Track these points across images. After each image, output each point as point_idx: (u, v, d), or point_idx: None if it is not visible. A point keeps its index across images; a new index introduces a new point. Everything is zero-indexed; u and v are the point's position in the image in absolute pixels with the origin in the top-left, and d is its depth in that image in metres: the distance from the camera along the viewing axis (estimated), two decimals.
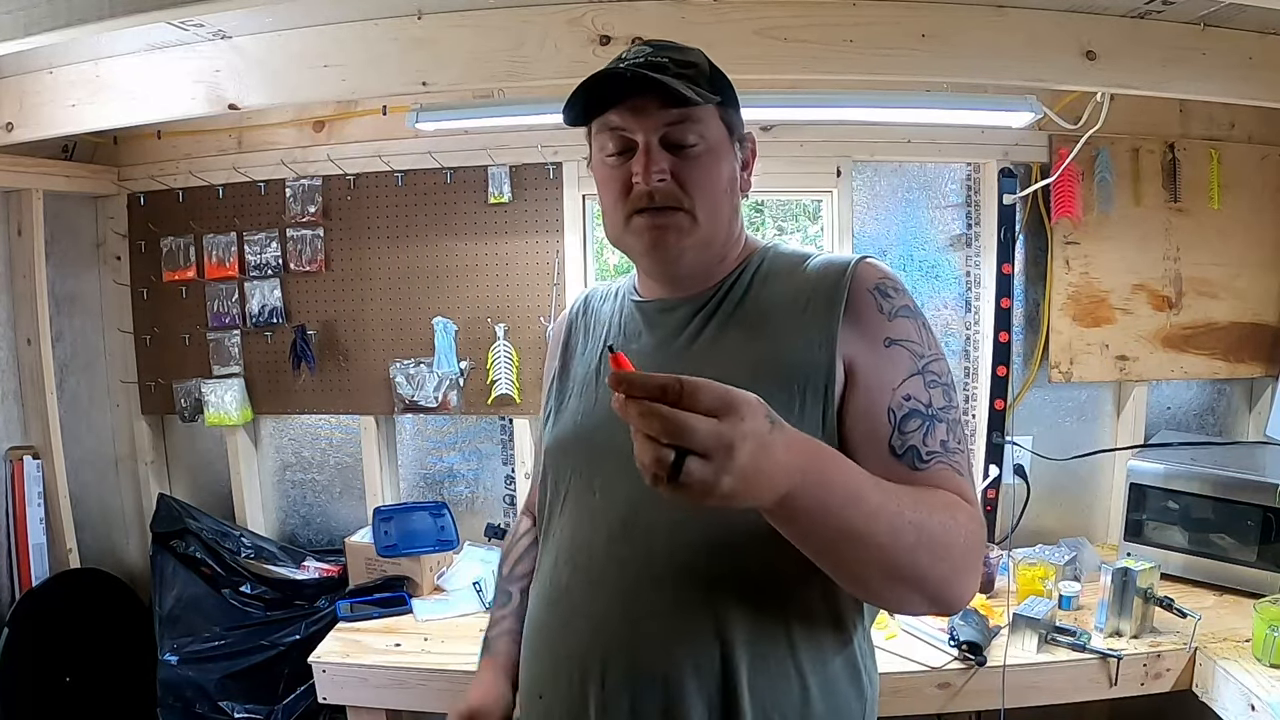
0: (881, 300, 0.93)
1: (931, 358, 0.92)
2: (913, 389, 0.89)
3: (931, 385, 0.90)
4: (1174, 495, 2.10)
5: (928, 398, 0.89)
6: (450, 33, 1.75)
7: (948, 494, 0.85)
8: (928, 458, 0.87)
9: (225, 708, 2.19)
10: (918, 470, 0.86)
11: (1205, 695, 1.76)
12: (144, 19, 1.50)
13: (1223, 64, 1.78)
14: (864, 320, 0.91)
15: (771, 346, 0.93)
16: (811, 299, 0.94)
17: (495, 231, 2.40)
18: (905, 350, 0.91)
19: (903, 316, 0.92)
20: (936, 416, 0.89)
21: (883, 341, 0.91)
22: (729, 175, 0.98)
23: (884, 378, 0.89)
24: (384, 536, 2.29)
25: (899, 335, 0.91)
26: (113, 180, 2.50)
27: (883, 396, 0.89)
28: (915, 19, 1.70)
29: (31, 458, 2.32)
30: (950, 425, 0.89)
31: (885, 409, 0.88)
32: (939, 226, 2.44)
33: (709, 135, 0.95)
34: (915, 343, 0.91)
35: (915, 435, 0.87)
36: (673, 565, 0.90)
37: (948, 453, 0.88)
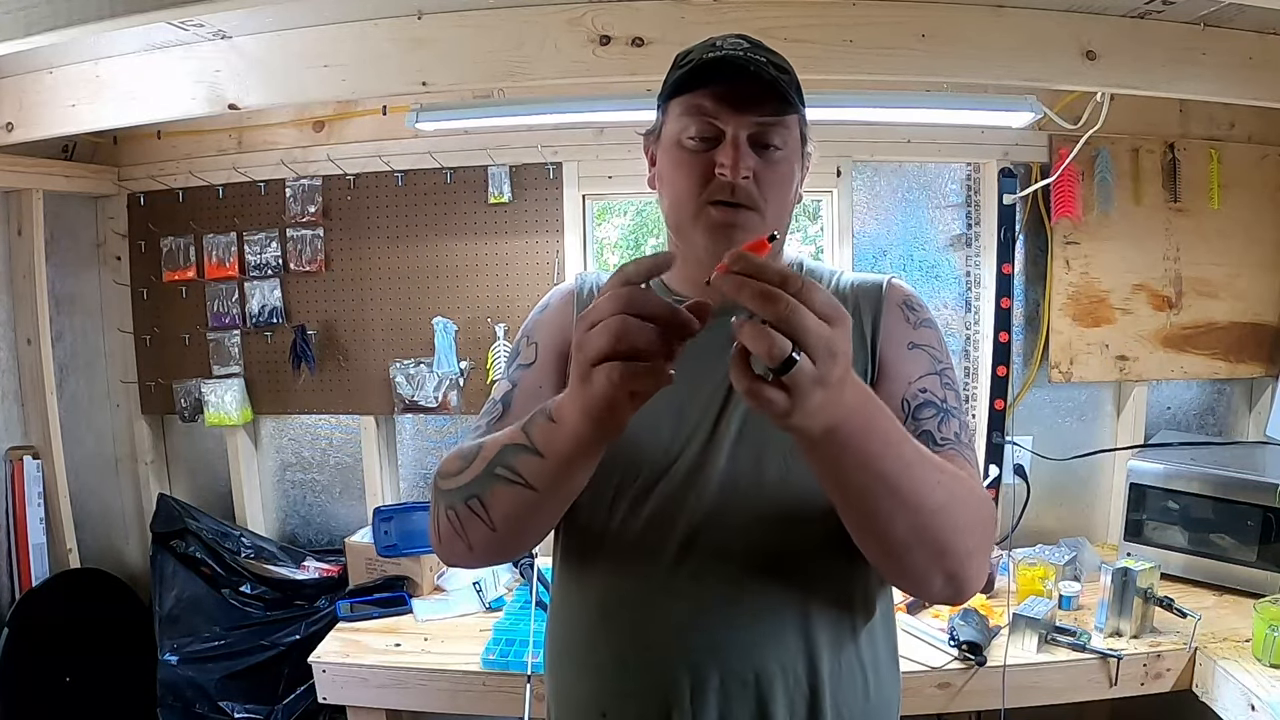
0: (908, 312, 1.02)
1: (948, 366, 1.00)
2: (929, 384, 0.96)
3: (946, 386, 0.97)
4: (1174, 495, 2.10)
5: (943, 395, 0.95)
6: (450, 33, 1.75)
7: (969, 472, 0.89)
8: (942, 442, 0.91)
9: (225, 708, 2.19)
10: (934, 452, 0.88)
11: (1205, 695, 1.76)
12: (144, 19, 1.49)
13: (1223, 64, 1.78)
14: (894, 327, 1.00)
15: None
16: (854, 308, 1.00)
17: (495, 231, 2.40)
18: (925, 353, 0.98)
19: (925, 326, 1.01)
20: (950, 411, 0.94)
21: (907, 345, 0.99)
22: (797, 184, 1.00)
23: (904, 373, 0.97)
24: (384, 536, 2.29)
25: (921, 341, 0.99)
26: (113, 180, 2.50)
27: (899, 388, 0.95)
28: (915, 19, 1.70)
29: (31, 458, 2.32)
30: (962, 423, 0.95)
31: (900, 399, 0.94)
32: (939, 226, 2.44)
33: (790, 143, 0.95)
34: (935, 349, 0.99)
35: (930, 422, 0.93)
36: (750, 570, 0.91)
37: (960, 444, 0.92)
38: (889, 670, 1.01)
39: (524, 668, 1.81)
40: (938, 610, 2.02)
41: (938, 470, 0.78)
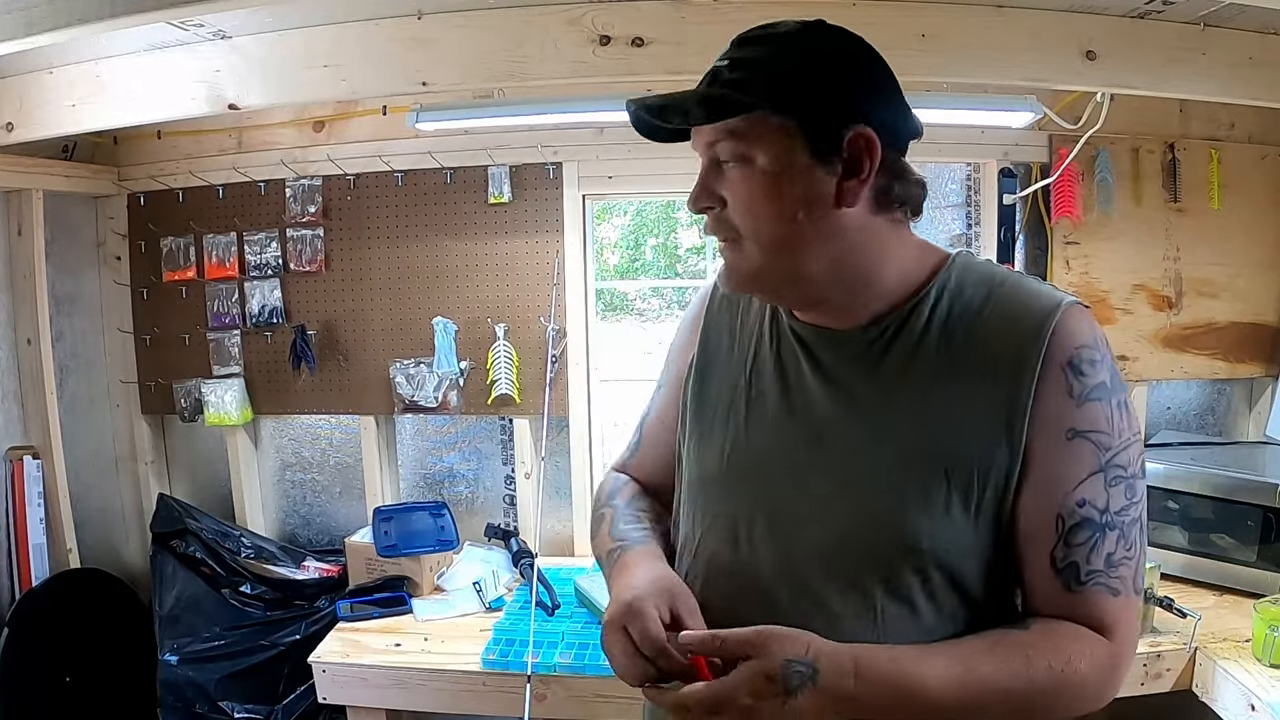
0: (1073, 379, 0.77)
1: (1120, 447, 0.79)
2: (1090, 491, 0.78)
3: (1114, 484, 0.78)
4: (1174, 495, 2.10)
5: (1105, 500, 0.78)
6: (450, 33, 1.75)
7: (1076, 638, 0.78)
8: (1085, 578, 0.78)
9: (225, 708, 2.19)
10: (1071, 592, 0.79)
11: (1205, 695, 1.76)
12: (144, 19, 1.49)
13: (1223, 64, 1.78)
14: (1052, 406, 0.78)
15: (946, 420, 0.80)
16: (1000, 361, 0.79)
17: (495, 231, 2.40)
18: (1090, 444, 0.78)
19: (1095, 399, 0.78)
20: (1110, 524, 0.78)
21: (1065, 433, 0.77)
22: (795, 195, 0.80)
23: (1060, 477, 0.78)
24: (384, 536, 2.29)
25: (1086, 425, 0.77)
26: (113, 180, 2.49)
27: (1054, 500, 0.78)
28: (915, 19, 1.69)
29: (31, 458, 2.32)
30: (1124, 531, 0.79)
31: (1055, 515, 0.78)
32: (939, 226, 2.44)
33: (758, 154, 0.79)
34: (1104, 432, 0.78)
35: (1079, 550, 0.78)
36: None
37: (1109, 568, 0.78)
38: None
39: (524, 668, 1.81)
40: None
41: (1000, 672, 0.76)
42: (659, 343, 4.41)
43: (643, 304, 8.96)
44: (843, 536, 0.82)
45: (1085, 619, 0.79)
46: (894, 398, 0.82)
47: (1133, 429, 0.80)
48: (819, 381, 0.86)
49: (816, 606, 0.82)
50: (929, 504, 0.79)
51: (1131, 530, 0.79)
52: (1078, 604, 0.79)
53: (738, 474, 0.90)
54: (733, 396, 0.93)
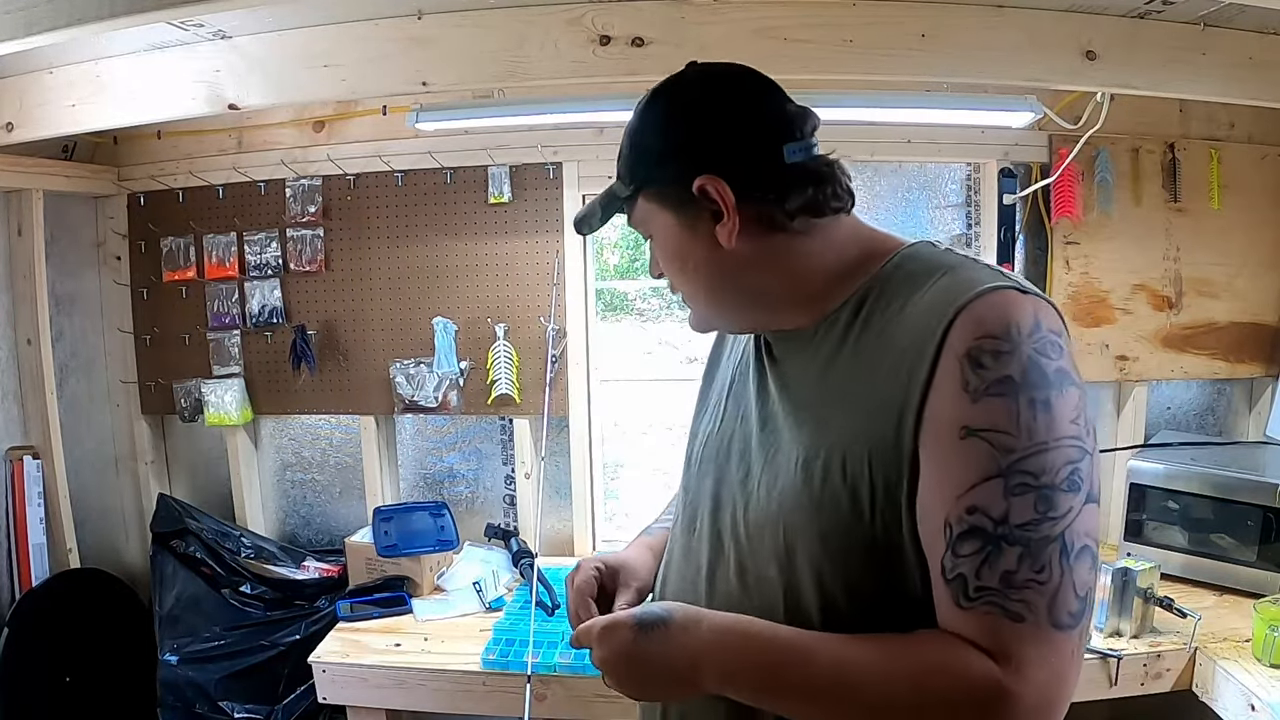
0: (970, 373, 0.70)
1: (1031, 450, 0.68)
2: (982, 498, 0.68)
3: (1016, 492, 0.67)
4: (1174, 495, 2.10)
5: (1003, 510, 0.67)
6: (450, 33, 1.75)
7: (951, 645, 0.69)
8: (974, 595, 0.68)
9: (225, 708, 2.19)
10: (961, 608, 0.69)
11: (1205, 695, 1.76)
12: (144, 19, 1.49)
13: (1223, 64, 1.78)
14: (944, 402, 0.71)
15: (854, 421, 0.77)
16: (905, 356, 0.74)
17: (495, 231, 2.40)
18: (985, 444, 0.68)
19: (994, 395, 0.69)
20: (1008, 538, 0.67)
21: (958, 431, 0.70)
22: (699, 255, 0.85)
23: (950, 479, 0.70)
24: (384, 536, 2.29)
25: (981, 423, 0.69)
26: (113, 180, 2.50)
27: (944, 503, 0.70)
28: (915, 19, 1.69)
29: (31, 458, 2.32)
30: (1031, 549, 0.67)
31: (943, 520, 0.70)
32: (939, 226, 2.44)
33: (654, 226, 0.89)
34: (1005, 432, 0.68)
35: (968, 562, 0.68)
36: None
37: (1006, 590, 0.67)
38: None
39: (524, 668, 1.81)
40: None
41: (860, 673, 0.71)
42: (659, 343, 4.40)
43: (643, 304, 8.93)
44: (759, 526, 0.85)
45: (976, 641, 0.68)
46: (815, 394, 0.84)
47: (1055, 433, 0.68)
48: (772, 378, 0.91)
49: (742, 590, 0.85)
50: (824, 499, 0.77)
51: (1044, 551, 0.67)
52: (967, 622, 0.69)
53: (703, 463, 0.97)
54: (720, 394, 1.00)
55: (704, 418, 1.02)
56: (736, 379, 0.98)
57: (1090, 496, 0.70)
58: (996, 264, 1.01)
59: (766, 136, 0.84)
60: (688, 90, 0.88)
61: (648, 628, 0.79)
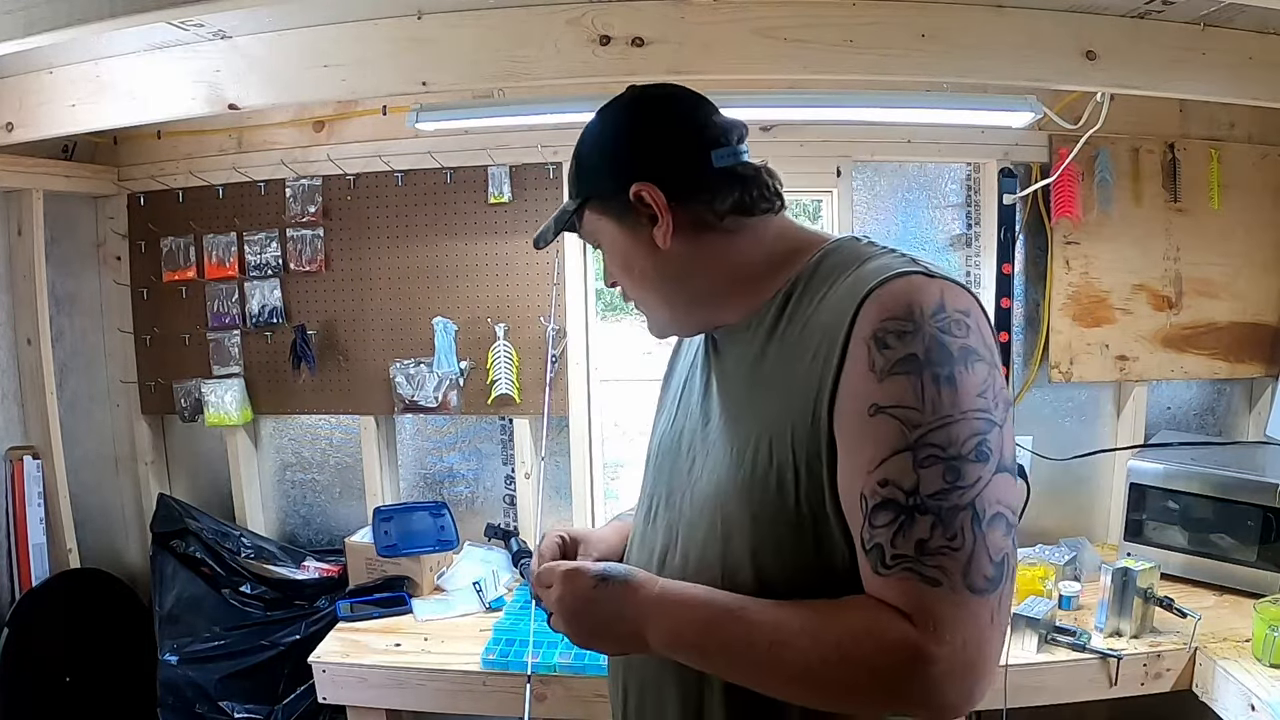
0: (876, 353, 0.75)
1: (936, 424, 0.72)
2: (893, 471, 0.72)
3: (925, 464, 0.72)
4: (1174, 495, 2.10)
5: (913, 482, 0.72)
6: (450, 33, 1.75)
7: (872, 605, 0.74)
8: (891, 563, 0.73)
9: (225, 708, 2.19)
10: (879, 575, 0.74)
11: (1205, 695, 1.77)
12: (144, 19, 1.49)
13: (1223, 64, 1.78)
14: (853, 382, 0.76)
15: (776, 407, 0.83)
16: (821, 342, 0.80)
17: (495, 231, 2.40)
18: (893, 419, 0.73)
19: (899, 373, 0.73)
20: (920, 507, 0.71)
21: (868, 410, 0.74)
22: (642, 259, 0.93)
23: (862, 456, 0.75)
24: (384, 536, 2.29)
25: (888, 400, 0.73)
26: (113, 180, 2.49)
27: (859, 479, 0.75)
28: (915, 19, 1.69)
29: (31, 458, 2.32)
30: (943, 517, 0.71)
31: (859, 495, 0.75)
32: (939, 226, 2.44)
33: (602, 236, 0.97)
34: (911, 407, 0.73)
35: (884, 532, 0.73)
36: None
37: (921, 556, 0.71)
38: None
39: (524, 668, 1.81)
40: None
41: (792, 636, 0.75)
42: (659, 343, 4.37)
43: None
44: (699, 512, 0.90)
45: (897, 605, 0.72)
46: (747, 385, 0.90)
47: (962, 406, 0.73)
48: (715, 373, 0.97)
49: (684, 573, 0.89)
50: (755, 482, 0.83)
51: (955, 519, 0.71)
52: (887, 588, 0.73)
53: (659, 459, 1.03)
54: (674, 395, 1.07)
55: (660, 419, 1.09)
56: (687, 380, 1.04)
57: (1001, 466, 0.74)
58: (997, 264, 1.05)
59: (695, 144, 0.91)
60: (624, 109, 0.96)
61: (607, 580, 0.85)
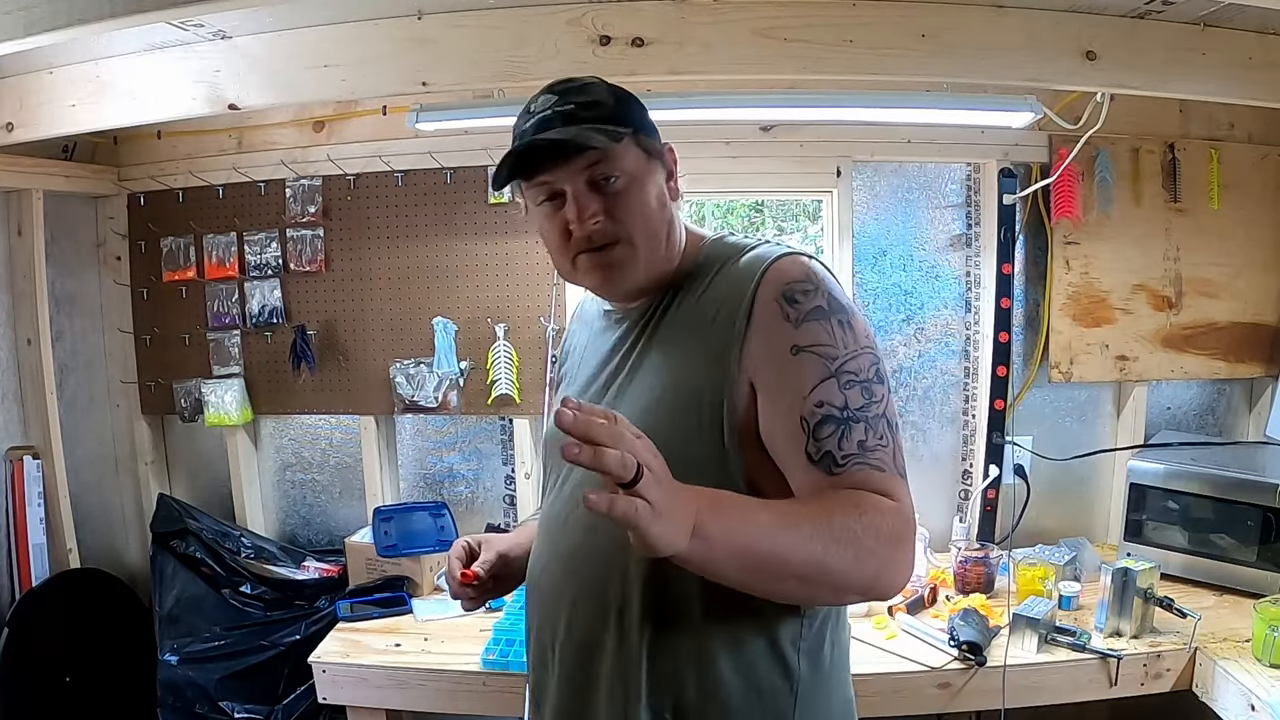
0: (788, 308, 0.92)
1: (848, 356, 0.91)
2: (825, 394, 0.89)
3: (848, 386, 0.90)
4: (1174, 495, 2.10)
5: (843, 400, 0.89)
6: (450, 33, 1.75)
7: (858, 494, 0.87)
8: (843, 461, 0.88)
9: (225, 708, 2.19)
10: (833, 475, 0.88)
11: (1205, 695, 1.77)
12: (144, 19, 1.49)
13: (1223, 64, 1.78)
14: (770, 332, 0.92)
15: (678, 365, 0.98)
16: (722, 307, 0.96)
17: (495, 231, 2.40)
18: (815, 355, 0.91)
19: (812, 320, 0.92)
20: (853, 418, 0.89)
21: (789, 350, 0.91)
22: (656, 196, 1.02)
23: (795, 387, 0.90)
24: (384, 536, 2.29)
25: (807, 341, 0.91)
26: (113, 180, 2.49)
27: (795, 406, 0.90)
28: (915, 19, 1.70)
29: (31, 458, 2.32)
30: (869, 422, 0.89)
31: (799, 418, 0.89)
32: (939, 226, 2.44)
33: (627, 167, 0.99)
34: (827, 344, 0.91)
35: (829, 440, 0.88)
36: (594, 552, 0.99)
37: (865, 451, 0.89)
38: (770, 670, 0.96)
39: (524, 668, 1.80)
40: (937, 611, 2.02)
41: (807, 522, 0.82)
42: None
43: None
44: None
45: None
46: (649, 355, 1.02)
47: (860, 343, 0.92)
48: (611, 353, 1.08)
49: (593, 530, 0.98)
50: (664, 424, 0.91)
51: (879, 424, 0.90)
52: (845, 483, 0.88)
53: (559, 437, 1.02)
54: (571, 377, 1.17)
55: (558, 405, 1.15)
56: (581, 364, 1.15)
57: (889, 388, 0.94)
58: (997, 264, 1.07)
59: None
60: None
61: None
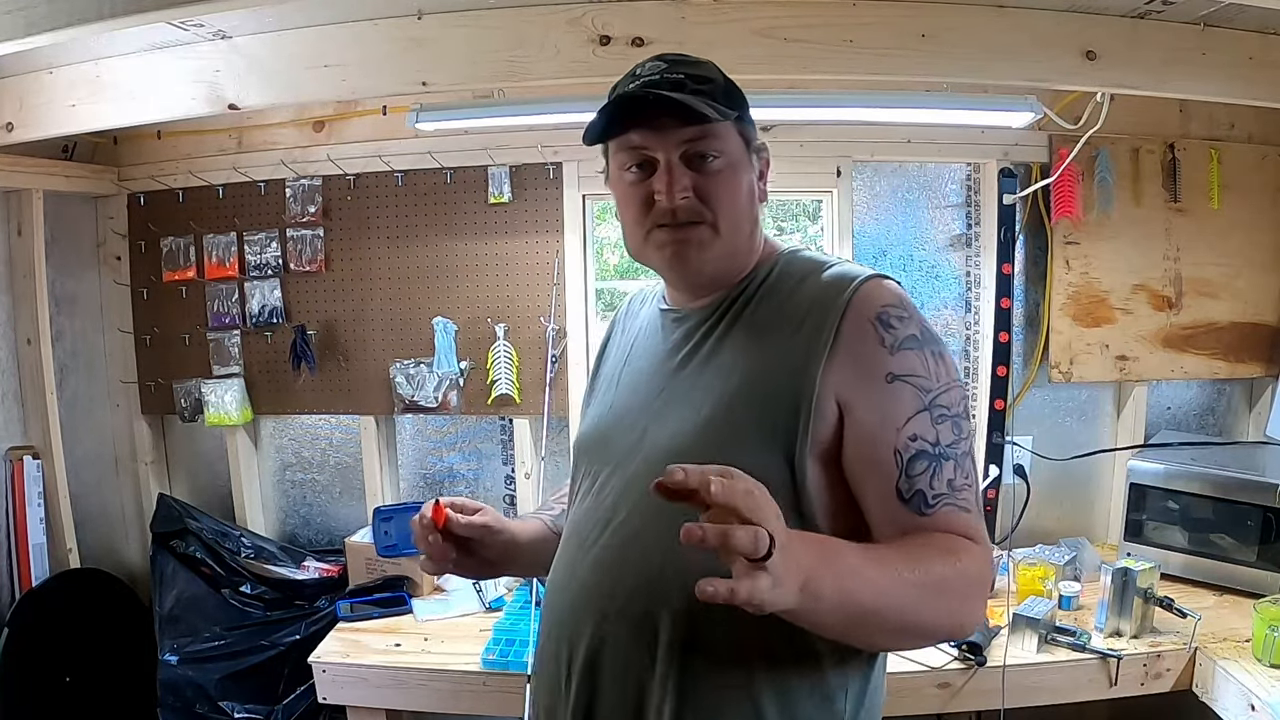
0: (884, 331, 0.89)
1: (941, 389, 0.89)
2: (919, 427, 0.87)
3: (940, 420, 0.88)
4: (1174, 495, 2.10)
5: (935, 435, 0.87)
6: (450, 33, 1.75)
7: (949, 538, 0.86)
8: (934, 501, 0.87)
9: (225, 708, 2.19)
10: (924, 515, 0.87)
11: (1205, 695, 1.77)
12: (144, 19, 1.49)
13: (1223, 64, 1.78)
14: (864, 354, 0.89)
15: (752, 371, 0.93)
16: (806, 319, 0.92)
17: (495, 231, 2.40)
18: (910, 386, 0.88)
19: (907, 349, 0.89)
20: (944, 455, 0.87)
21: (884, 377, 0.88)
22: (748, 187, 0.99)
23: (887, 417, 0.87)
24: (384, 536, 2.29)
25: (903, 370, 0.88)
26: (113, 180, 2.49)
27: (887, 437, 0.87)
28: (915, 19, 1.69)
29: (31, 458, 2.32)
30: (958, 460, 0.88)
31: (892, 450, 0.87)
32: (939, 226, 2.44)
33: (728, 150, 0.96)
34: (922, 376, 0.88)
35: (922, 479, 0.86)
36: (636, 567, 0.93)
37: (954, 491, 0.87)
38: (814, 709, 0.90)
39: (524, 668, 1.81)
40: None
41: (909, 568, 0.81)
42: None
43: None
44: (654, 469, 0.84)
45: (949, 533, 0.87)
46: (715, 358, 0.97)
47: (951, 376, 0.91)
48: (669, 352, 1.03)
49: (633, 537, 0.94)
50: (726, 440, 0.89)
51: (965, 461, 0.90)
52: (934, 524, 0.86)
53: (602, 435, 1.06)
54: (612, 374, 1.12)
55: (593, 407, 1.12)
56: (626, 364, 1.09)
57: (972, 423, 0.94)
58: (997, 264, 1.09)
59: None
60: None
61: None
